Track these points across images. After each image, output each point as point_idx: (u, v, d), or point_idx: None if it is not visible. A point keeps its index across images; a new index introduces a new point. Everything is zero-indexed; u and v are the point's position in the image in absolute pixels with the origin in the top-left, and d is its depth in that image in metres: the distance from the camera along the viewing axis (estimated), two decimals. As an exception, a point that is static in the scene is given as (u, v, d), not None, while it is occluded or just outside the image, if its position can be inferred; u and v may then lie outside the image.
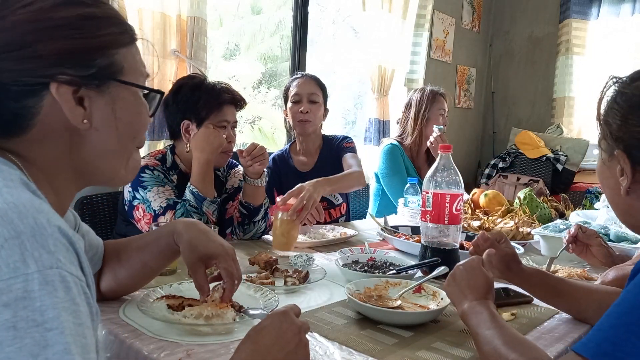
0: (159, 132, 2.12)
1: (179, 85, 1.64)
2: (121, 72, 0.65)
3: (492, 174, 3.97)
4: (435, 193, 1.27)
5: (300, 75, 2.19)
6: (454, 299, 0.91)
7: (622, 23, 3.94)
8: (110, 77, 0.64)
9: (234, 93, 1.65)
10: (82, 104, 0.62)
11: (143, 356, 0.79)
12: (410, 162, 2.56)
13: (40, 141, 0.61)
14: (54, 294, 0.46)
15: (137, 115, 0.69)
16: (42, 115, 0.60)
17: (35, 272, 0.46)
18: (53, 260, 0.48)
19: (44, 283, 0.46)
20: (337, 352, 0.83)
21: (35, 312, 0.45)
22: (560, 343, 0.92)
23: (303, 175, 2.14)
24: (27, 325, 0.44)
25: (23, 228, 0.48)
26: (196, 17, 2.13)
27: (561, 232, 1.60)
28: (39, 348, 0.44)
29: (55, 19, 0.59)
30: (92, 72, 0.61)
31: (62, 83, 0.59)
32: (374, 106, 3.30)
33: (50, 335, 0.45)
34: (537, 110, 4.43)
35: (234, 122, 1.66)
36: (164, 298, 0.94)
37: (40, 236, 0.48)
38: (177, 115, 1.61)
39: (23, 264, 0.46)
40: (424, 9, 3.56)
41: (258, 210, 1.61)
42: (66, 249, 0.50)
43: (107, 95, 0.64)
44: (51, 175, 0.63)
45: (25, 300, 0.45)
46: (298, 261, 1.26)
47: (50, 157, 0.62)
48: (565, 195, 2.71)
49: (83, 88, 0.61)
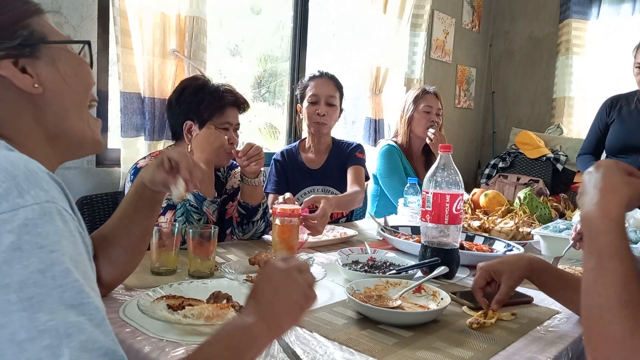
0: (159, 132, 2.12)
1: (183, 86, 1.66)
2: (45, 36, 0.71)
3: (492, 174, 3.98)
4: (435, 193, 1.27)
5: (319, 74, 2.17)
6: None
7: (622, 23, 3.94)
8: (37, 41, 0.70)
9: (237, 95, 1.66)
10: (27, 72, 0.68)
11: (143, 356, 0.79)
12: (408, 163, 2.57)
13: (7, 118, 0.67)
14: (52, 223, 0.52)
15: (79, 67, 0.75)
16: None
17: (34, 204, 0.51)
18: (48, 196, 0.53)
19: (43, 214, 0.51)
20: (337, 352, 0.83)
21: (37, 237, 0.50)
22: (560, 343, 0.92)
23: (311, 173, 2.16)
24: (31, 247, 0.49)
25: (17, 172, 0.53)
26: (196, 17, 2.13)
27: (561, 232, 1.60)
28: (44, 265, 0.49)
29: None
30: (19, 42, 0.68)
31: (0, 59, 0.66)
32: (368, 105, 3.30)
33: (54, 256, 0.50)
34: (537, 110, 4.43)
35: (236, 125, 1.67)
36: (164, 298, 0.94)
37: (34, 178, 0.53)
38: (180, 116, 1.62)
39: (21, 199, 0.51)
40: (422, 8, 3.55)
41: (256, 210, 1.61)
42: (58, 191, 0.56)
43: (43, 58, 0.70)
44: (29, 150, 0.66)
45: (27, 227, 0.50)
46: (298, 261, 1.26)
47: (22, 130, 0.68)
48: (565, 195, 2.72)
49: (20, 58, 0.68)
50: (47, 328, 0.46)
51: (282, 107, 3.21)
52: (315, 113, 2.12)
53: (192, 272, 1.20)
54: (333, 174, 2.17)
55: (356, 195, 2.03)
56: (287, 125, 3.08)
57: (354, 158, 2.18)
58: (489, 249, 1.53)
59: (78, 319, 0.48)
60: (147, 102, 2.07)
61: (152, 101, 2.08)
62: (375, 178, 2.61)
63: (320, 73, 2.18)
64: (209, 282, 1.09)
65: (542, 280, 1.05)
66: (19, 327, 0.46)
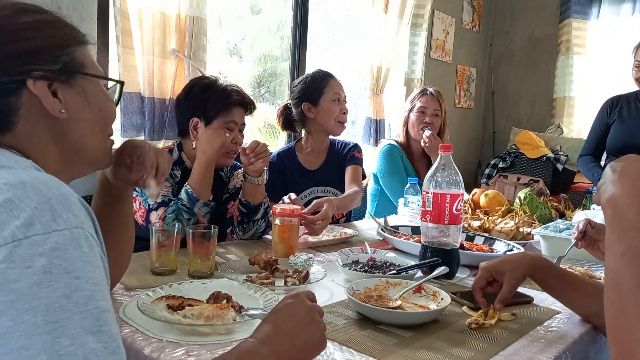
0: (159, 132, 2.12)
1: (191, 84, 1.68)
2: (83, 67, 0.75)
3: (492, 173, 3.97)
4: (435, 193, 1.27)
5: (329, 73, 2.15)
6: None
7: (622, 23, 3.94)
8: (75, 70, 0.73)
9: (245, 96, 1.67)
10: (57, 96, 0.70)
11: (143, 356, 0.79)
12: (408, 163, 2.56)
13: (27, 136, 0.69)
14: (80, 249, 0.53)
15: (105, 103, 0.79)
16: (23, 110, 0.68)
17: (65, 230, 0.53)
18: (78, 222, 0.55)
19: (72, 239, 0.53)
20: (337, 353, 0.82)
21: (66, 262, 0.52)
22: (560, 343, 0.91)
23: (310, 174, 2.15)
24: (60, 272, 0.51)
25: (51, 195, 0.54)
26: (196, 17, 2.13)
27: (561, 232, 1.60)
28: (70, 290, 0.51)
29: (19, 23, 0.68)
30: (59, 67, 0.70)
31: (37, 79, 0.68)
32: (368, 105, 3.30)
33: (79, 282, 0.52)
34: (537, 110, 4.43)
35: (241, 125, 1.67)
36: (164, 298, 0.94)
37: (66, 202, 0.55)
38: (186, 113, 1.64)
39: (54, 223, 0.53)
40: (422, 8, 3.55)
41: (257, 209, 1.61)
42: (85, 216, 0.58)
43: (76, 87, 0.73)
44: (42, 166, 0.68)
45: (57, 251, 0.51)
46: (298, 261, 1.26)
47: (38, 147, 0.70)
48: (566, 195, 2.72)
49: (55, 82, 0.70)
50: (67, 353, 0.48)
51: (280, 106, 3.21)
52: (341, 112, 2.10)
53: (192, 272, 1.20)
54: (332, 174, 2.16)
55: (356, 196, 2.04)
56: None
57: (352, 158, 2.17)
58: (489, 249, 1.52)
59: (96, 345, 0.50)
60: (147, 102, 2.06)
61: (152, 101, 2.08)
62: (375, 177, 2.61)
63: (328, 73, 2.15)
64: (209, 282, 1.09)
65: (544, 279, 1.05)
66: (41, 349, 0.47)
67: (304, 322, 0.71)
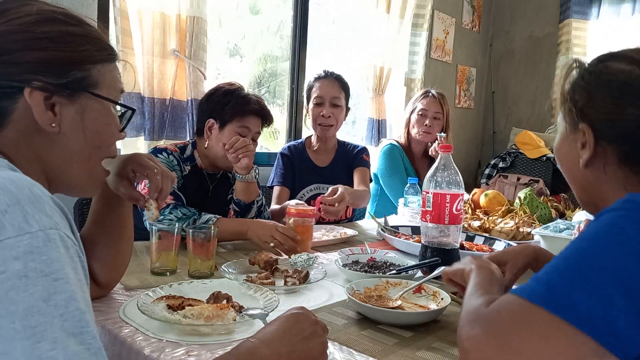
0: (159, 132, 2.13)
1: (217, 87, 1.71)
2: (95, 86, 0.73)
3: (492, 174, 3.97)
4: (435, 193, 1.27)
5: (324, 74, 2.18)
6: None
7: (622, 23, 3.93)
8: (83, 88, 0.71)
9: (264, 107, 1.69)
10: (54, 109, 0.69)
11: (143, 356, 0.79)
12: (409, 163, 2.57)
13: (14, 140, 0.68)
14: (56, 250, 0.52)
15: (105, 126, 0.76)
16: (15, 115, 0.67)
17: (39, 231, 0.52)
18: (52, 222, 0.54)
19: (47, 240, 0.52)
20: (337, 353, 0.83)
21: (42, 264, 0.50)
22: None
23: (319, 170, 2.18)
24: (36, 275, 0.50)
25: (21, 196, 0.53)
26: (196, 17, 2.13)
27: (561, 232, 1.60)
28: (48, 293, 0.49)
29: (37, 32, 0.67)
30: (65, 81, 0.69)
31: (35, 89, 0.66)
32: (371, 106, 3.30)
33: (58, 284, 0.50)
34: (537, 110, 4.43)
35: (255, 133, 1.69)
36: (164, 298, 0.94)
37: (38, 202, 0.54)
38: (205, 114, 1.67)
39: (26, 224, 0.51)
40: (423, 8, 3.55)
41: (249, 207, 1.62)
42: (60, 216, 0.56)
43: (77, 104, 0.71)
44: (26, 174, 0.67)
45: (32, 254, 0.50)
46: (298, 261, 1.26)
47: (24, 155, 0.69)
48: (566, 195, 2.71)
49: (56, 95, 0.69)
50: (48, 357, 0.47)
51: (282, 107, 3.22)
52: (320, 115, 2.13)
53: (192, 272, 1.20)
54: (340, 173, 2.20)
55: (365, 194, 2.09)
56: (287, 125, 3.08)
57: (361, 160, 2.22)
58: (489, 249, 1.52)
59: (78, 347, 0.49)
60: (147, 102, 2.07)
61: (152, 101, 2.08)
62: (375, 177, 2.61)
63: (325, 73, 2.18)
64: (209, 282, 1.09)
65: None
66: (20, 354, 0.46)
67: (307, 331, 0.72)
